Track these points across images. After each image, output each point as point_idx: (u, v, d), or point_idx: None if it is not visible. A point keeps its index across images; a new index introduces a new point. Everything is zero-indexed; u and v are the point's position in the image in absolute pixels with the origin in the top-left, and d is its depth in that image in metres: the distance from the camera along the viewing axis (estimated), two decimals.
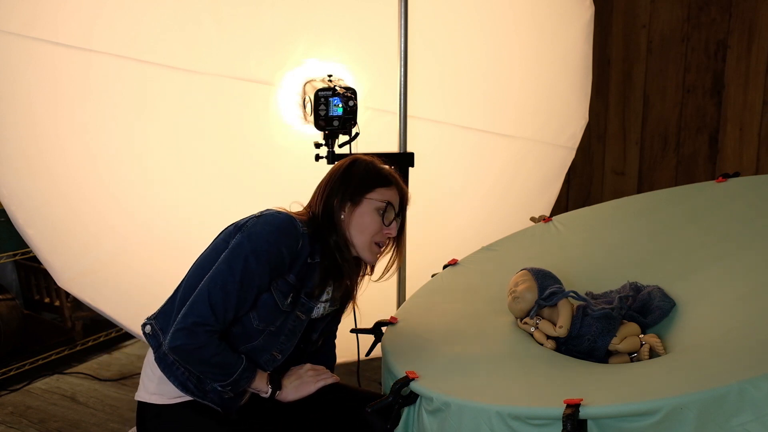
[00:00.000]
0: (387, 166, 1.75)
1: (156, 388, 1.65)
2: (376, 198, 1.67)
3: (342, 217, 1.68)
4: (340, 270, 1.67)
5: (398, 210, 1.72)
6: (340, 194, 1.68)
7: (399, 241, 1.78)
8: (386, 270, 1.78)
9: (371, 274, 1.80)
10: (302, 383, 1.69)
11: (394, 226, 1.71)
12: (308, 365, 1.75)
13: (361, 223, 1.67)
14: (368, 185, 1.68)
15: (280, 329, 1.65)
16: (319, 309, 1.72)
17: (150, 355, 1.69)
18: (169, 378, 1.63)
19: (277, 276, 1.61)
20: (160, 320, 1.67)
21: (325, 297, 1.71)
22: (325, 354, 1.91)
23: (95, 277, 2.42)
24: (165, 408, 1.64)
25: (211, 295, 1.54)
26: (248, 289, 1.57)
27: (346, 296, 1.78)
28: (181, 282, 1.66)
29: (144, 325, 1.68)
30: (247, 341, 1.63)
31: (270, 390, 1.65)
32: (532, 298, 1.69)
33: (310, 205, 1.73)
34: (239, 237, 1.59)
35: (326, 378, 1.72)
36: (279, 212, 1.64)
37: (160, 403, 1.65)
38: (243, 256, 1.56)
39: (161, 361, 1.64)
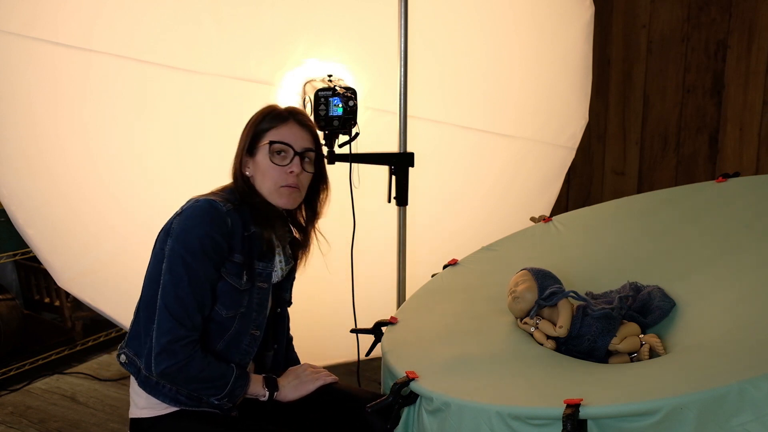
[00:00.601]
0: (283, 106, 1.70)
1: (146, 402, 1.63)
2: (266, 142, 1.64)
3: (248, 173, 1.66)
4: (273, 222, 1.65)
5: (308, 146, 1.66)
6: (239, 152, 1.66)
7: (322, 176, 1.74)
8: (322, 207, 1.76)
9: (320, 215, 1.77)
10: (301, 383, 1.68)
11: (297, 162, 1.64)
12: (306, 365, 1.74)
13: (260, 172, 1.64)
14: (259, 132, 1.65)
15: (248, 308, 1.64)
16: (277, 272, 1.71)
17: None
18: (158, 398, 1.61)
19: (222, 262, 1.58)
20: (132, 346, 1.65)
21: (278, 258, 1.69)
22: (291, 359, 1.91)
23: (95, 277, 2.42)
24: (159, 419, 1.62)
25: (169, 309, 1.53)
26: (200, 287, 1.55)
27: (296, 247, 1.77)
28: (139, 301, 1.65)
29: (119, 356, 1.67)
30: (224, 332, 1.62)
31: (267, 393, 1.64)
32: (532, 298, 1.69)
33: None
34: (170, 242, 1.56)
35: (325, 377, 1.71)
36: (197, 200, 1.60)
37: (153, 416, 1.62)
38: (180, 260, 1.54)
39: (145, 385, 1.62)
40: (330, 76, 2.31)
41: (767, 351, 1.28)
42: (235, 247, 1.59)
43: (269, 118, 1.66)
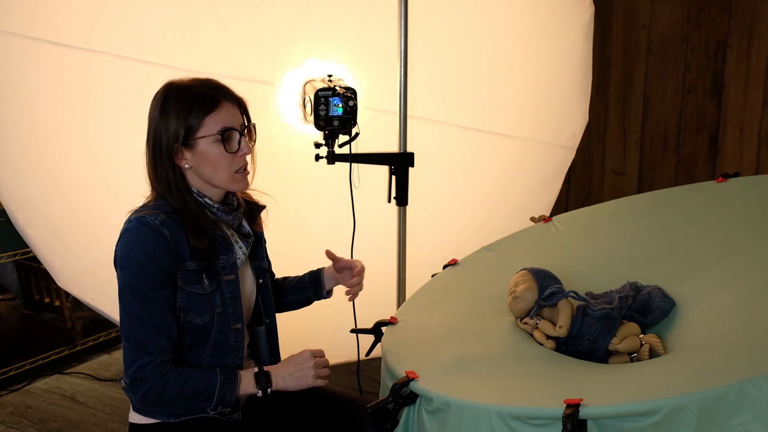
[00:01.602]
0: (207, 79, 1.55)
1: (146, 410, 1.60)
2: (209, 131, 1.50)
3: (186, 166, 1.53)
4: (205, 233, 1.54)
5: (244, 121, 1.56)
6: (167, 143, 1.50)
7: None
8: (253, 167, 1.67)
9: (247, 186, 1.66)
10: (302, 375, 1.56)
11: (245, 144, 1.54)
12: (308, 353, 1.59)
13: (209, 163, 1.52)
14: (193, 121, 1.49)
15: (223, 305, 1.57)
16: (240, 258, 1.62)
17: None
18: (156, 417, 1.58)
19: (172, 277, 1.50)
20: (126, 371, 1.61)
21: (236, 245, 1.61)
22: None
23: (95, 277, 2.42)
24: (159, 426, 1.59)
25: (129, 340, 1.47)
26: (155, 310, 1.48)
27: (250, 219, 1.69)
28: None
29: (120, 380, 1.65)
30: (206, 338, 1.56)
31: (260, 391, 1.55)
32: (532, 298, 1.69)
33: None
34: (118, 273, 1.50)
35: (323, 373, 1.60)
36: (129, 221, 1.51)
37: (150, 423, 1.59)
38: (127, 288, 1.47)
39: (139, 411, 1.59)
40: (330, 76, 2.31)
41: (767, 351, 1.28)
42: (183, 255, 1.50)
43: (199, 104, 1.50)
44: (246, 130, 1.58)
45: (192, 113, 1.50)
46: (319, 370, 1.59)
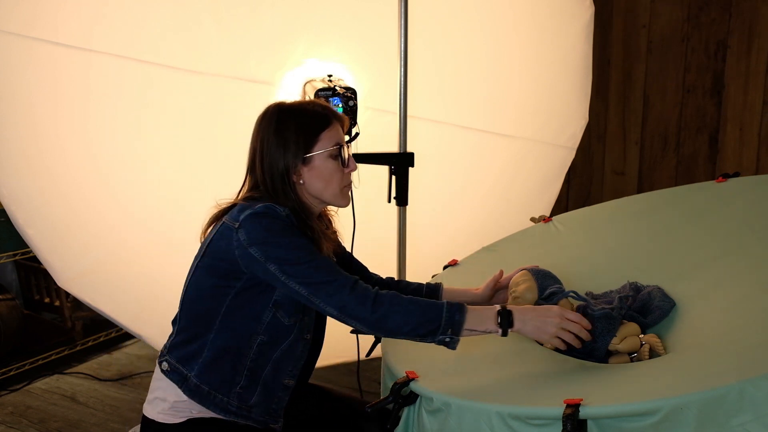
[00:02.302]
0: (313, 101, 1.62)
1: (163, 407, 1.56)
2: (325, 147, 1.56)
3: (301, 181, 1.57)
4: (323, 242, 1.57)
5: (345, 141, 1.62)
6: (283, 160, 1.54)
7: None
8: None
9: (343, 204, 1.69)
10: (543, 328, 1.45)
11: (352, 160, 1.61)
12: (558, 309, 1.48)
13: (321, 178, 1.57)
14: (310, 137, 1.56)
15: (305, 312, 1.58)
16: None
17: (161, 375, 1.58)
18: (208, 408, 1.53)
19: None
20: (175, 354, 1.56)
21: None
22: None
23: (95, 277, 2.42)
24: (175, 427, 1.55)
25: (321, 286, 1.43)
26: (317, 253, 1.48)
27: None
28: (181, 311, 1.58)
29: (160, 363, 1.59)
30: (283, 340, 1.56)
31: (500, 330, 1.45)
32: (532, 298, 1.69)
33: (255, 186, 1.59)
34: (255, 250, 1.45)
35: (564, 336, 1.46)
36: (253, 209, 1.49)
37: (168, 422, 1.56)
38: (292, 249, 1.45)
39: (195, 394, 1.53)
40: (330, 76, 2.31)
41: (767, 351, 1.28)
42: None
43: (316, 122, 1.57)
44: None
45: (310, 129, 1.56)
46: (562, 331, 1.46)
